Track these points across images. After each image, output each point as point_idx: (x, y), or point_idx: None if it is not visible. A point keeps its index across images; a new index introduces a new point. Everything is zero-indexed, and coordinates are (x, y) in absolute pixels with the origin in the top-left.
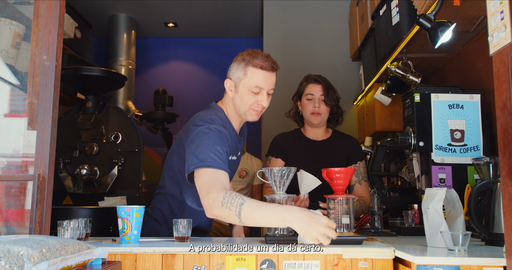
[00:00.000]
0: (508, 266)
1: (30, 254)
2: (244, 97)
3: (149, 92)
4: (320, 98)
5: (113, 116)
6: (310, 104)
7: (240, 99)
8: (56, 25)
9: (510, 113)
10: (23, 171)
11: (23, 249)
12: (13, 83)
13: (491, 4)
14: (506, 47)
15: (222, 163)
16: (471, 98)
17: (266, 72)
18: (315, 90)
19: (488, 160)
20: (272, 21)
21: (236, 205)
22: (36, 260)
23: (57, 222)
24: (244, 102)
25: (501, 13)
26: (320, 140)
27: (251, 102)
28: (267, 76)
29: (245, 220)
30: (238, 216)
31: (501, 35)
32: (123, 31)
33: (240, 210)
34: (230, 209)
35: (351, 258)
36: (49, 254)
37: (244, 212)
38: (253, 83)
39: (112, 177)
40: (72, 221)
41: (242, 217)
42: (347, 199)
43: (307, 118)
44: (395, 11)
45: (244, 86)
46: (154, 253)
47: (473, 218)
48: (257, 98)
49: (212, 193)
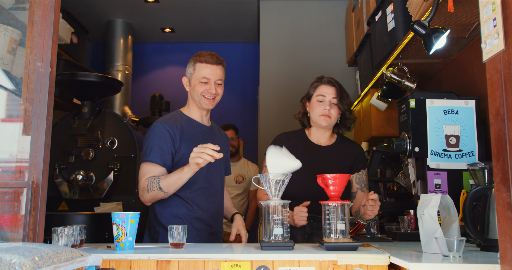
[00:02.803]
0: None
1: (22, 262)
2: (195, 87)
3: (145, 97)
4: (331, 101)
5: (109, 121)
6: (320, 105)
7: (193, 90)
8: (50, 32)
9: (504, 120)
10: (17, 177)
11: (15, 258)
12: (9, 88)
13: (484, 11)
14: (499, 54)
15: (152, 157)
16: (466, 103)
17: (211, 65)
18: (327, 92)
19: (483, 166)
20: (269, 27)
21: (155, 184)
22: (28, 268)
23: (51, 228)
24: (196, 91)
25: (494, 20)
26: (324, 145)
27: (201, 90)
28: (212, 69)
29: (167, 189)
30: (161, 190)
31: (494, 42)
32: (120, 36)
33: (159, 185)
34: (152, 190)
35: (346, 264)
36: (42, 262)
37: (162, 185)
38: (201, 74)
39: (108, 183)
40: (66, 228)
41: (163, 189)
42: (342, 205)
43: (315, 119)
44: (390, 17)
45: (195, 79)
46: (149, 260)
47: (468, 224)
48: (206, 87)
49: (140, 184)
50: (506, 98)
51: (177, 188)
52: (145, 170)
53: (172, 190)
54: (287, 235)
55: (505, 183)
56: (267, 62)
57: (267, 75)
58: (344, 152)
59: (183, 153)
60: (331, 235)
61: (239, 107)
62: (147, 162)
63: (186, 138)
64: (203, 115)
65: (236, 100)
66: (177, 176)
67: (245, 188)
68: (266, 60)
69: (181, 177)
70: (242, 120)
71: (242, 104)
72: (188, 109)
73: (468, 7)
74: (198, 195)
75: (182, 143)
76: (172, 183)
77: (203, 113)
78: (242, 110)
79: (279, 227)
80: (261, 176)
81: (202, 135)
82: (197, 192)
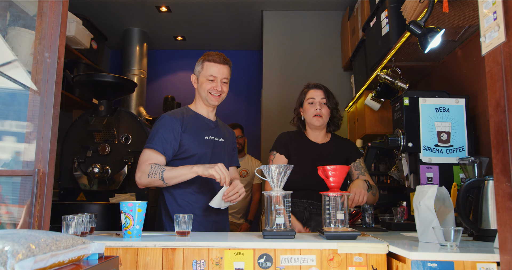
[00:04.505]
0: (501, 261)
1: (16, 250)
2: (203, 85)
3: (159, 99)
4: (321, 101)
5: (124, 119)
6: (312, 107)
7: (200, 87)
8: (58, 23)
9: (504, 111)
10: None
11: (8, 245)
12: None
13: (483, 6)
14: (499, 46)
15: (154, 144)
16: (457, 102)
17: (218, 64)
18: (316, 95)
19: (473, 160)
20: (271, 36)
21: (159, 173)
22: (21, 257)
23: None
24: (203, 88)
25: (494, 13)
26: (320, 143)
27: (208, 87)
28: (219, 68)
29: (168, 180)
30: (162, 179)
31: (494, 35)
32: (136, 43)
33: (162, 175)
34: (154, 177)
35: (346, 253)
36: (38, 250)
37: (166, 175)
38: (208, 72)
39: (123, 175)
40: (76, 216)
41: (165, 179)
42: (341, 196)
43: (309, 121)
44: (384, 22)
45: (203, 76)
46: (155, 247)
47: (462, 215)
48: (212, 85)
49: (140, 167)
50: (506, 90)
51: (177, 182)
52: (146, 155)
53: (172, 182)
54: (289, 224)
55: (505, 174)
56: (270, 67)
57: (270, 79)
58: (339, 147)
59: (187, 143)
60: (331, 225)
61: (244, 108)
62: (149, 148)
63: (190, 130)
64: (209, 111)
65: (241, 102)
66: (182, 172)
67: (249, 182)
68: (268, 66)
69: (186, 175)
70: (246, 120)
71: (247, 106)
72: (195, 105)
73: (460, 10)
74: (201, 186)
75: (186, 134)
76: (175, 176)
77: (209, 109)
78: (247, 111)
79: (281, 216)
80: (264, 167)
81: (206, 128)
82: (200, 183)
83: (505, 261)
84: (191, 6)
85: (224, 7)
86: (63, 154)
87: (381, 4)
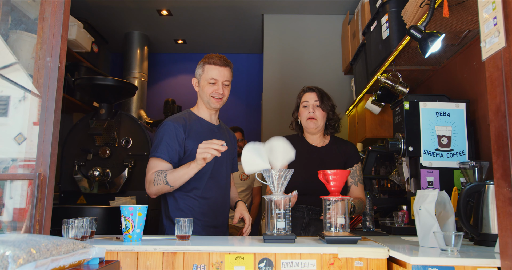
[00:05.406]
0: (502, 266)
1: (17, 255)
2: (204, 88)
3: (159, 102)
4: (314, 104)
5: (124, 122)
6: (305, 110)
7: (202, 91)
8: (60, 27)
9: (504, 116)
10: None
11: (9, 250)
12: (36, 94)
13: (484, 11)
14: (499, 52)
15: (160, 152)
16: (457, 106)
17: (219, 67)
18: (310, 97)
19: (474, 164)
20: (272, 39)
21: (162, 178)
22: (21, 262)
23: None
24: (205, 92)
25: (494, 19)
26: (319, 146)
27: (210, 91)
28: (219, 70)
29: (173, 183)
30: (167, 184)
31: (494, 40)
32: (137, 47)
33: (166, 179)
34: (159, 183)
35: (346, 258)
36: (38, 255)
37: (169, 178)
38: (209, 75)
39: (123, 179)
40: (76, 220)
41: (170, 183)
42: (342, 200)
43: (304, 124)
44: (385, 27)
45: (204, 79)
46: (155, 252)
47: (463, 219)
48: (214, 88)
49: (147, 177)
50: (507, 95)
51: (183, 183)
52: (152, 164)
53: (178, 184)
54: (289, 229)
55: (506, 179)
56: (270, 71)
57: (270, 82)
58: (337, 150)
59: (191, 149)
60: (331, 229)
61: (245, 111)
62: (154, 157)
63: (194, 135)
64: (211, 114)
65: (242, 105)
66: (183, 171)
67: (249, 185)
68: (269, 69)
69: (188, 172)
70: (247, 123)
71: (247, 109)
72: (197, 109)
73: (460, 15)
74: (204, 190)
75: (190, 140)
76: (178, 177)
77: (212, 112)
78: (247, 114)
79: (282, 220)
80: (265, 172)
81: (210, 132)
82: (203, 187)
83: (506, 266)
84: (192, 9)
85: (224, 10)
86: (64, 157)
87: (381, 8)
